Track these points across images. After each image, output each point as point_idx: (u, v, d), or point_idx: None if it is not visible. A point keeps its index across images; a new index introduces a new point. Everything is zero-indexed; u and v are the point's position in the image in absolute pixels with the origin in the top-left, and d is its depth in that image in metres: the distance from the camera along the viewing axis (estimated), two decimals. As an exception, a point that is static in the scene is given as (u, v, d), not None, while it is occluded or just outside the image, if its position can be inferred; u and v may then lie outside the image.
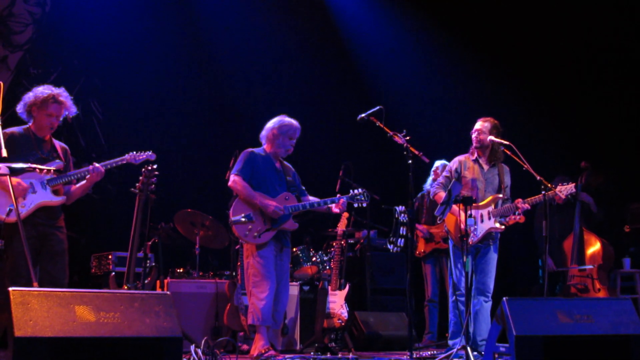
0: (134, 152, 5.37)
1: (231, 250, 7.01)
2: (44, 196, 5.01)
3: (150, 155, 5.39)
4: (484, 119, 6.11)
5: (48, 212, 5.05)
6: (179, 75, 9.25)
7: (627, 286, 7.58)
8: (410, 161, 5.41)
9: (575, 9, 8.71)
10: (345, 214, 6.62)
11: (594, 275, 7.14)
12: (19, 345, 3.33)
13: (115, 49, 8.80)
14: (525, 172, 5.70)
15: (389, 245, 8.09)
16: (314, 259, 7.13)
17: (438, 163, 7.60)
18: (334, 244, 6.72)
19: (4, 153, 4.23)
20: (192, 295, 6.65)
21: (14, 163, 4.52)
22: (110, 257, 7.16)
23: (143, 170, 5.37)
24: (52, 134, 5.24)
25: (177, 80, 9.22)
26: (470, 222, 5.42)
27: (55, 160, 5.13)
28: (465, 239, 5.50)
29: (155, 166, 5.37)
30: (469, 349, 5.01)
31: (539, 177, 5.62)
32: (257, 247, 5.62)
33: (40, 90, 5.13)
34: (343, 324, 6.44)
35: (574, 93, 8.85)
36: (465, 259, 5.44)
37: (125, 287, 5.28)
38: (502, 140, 5.93)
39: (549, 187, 5.64)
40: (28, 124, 5.16)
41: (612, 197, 8.24)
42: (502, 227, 5.89)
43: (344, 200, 5.79)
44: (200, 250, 6.88)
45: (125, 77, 8.76)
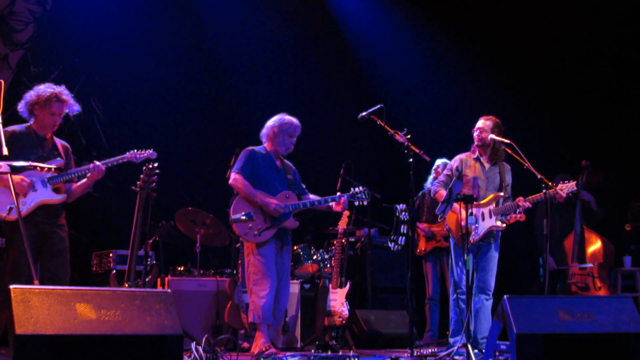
0: (135, 151, 5.36)
1: (232, 249, 7.01)
2: (45, 194, 5.01)
3: (151, 154, 5.39)
4: (486, 117, 6.10)
5: (49, 210, 5.04)
6: (180, 74, 9.24)
7: (628, 284, 7.59)
8: (411, 159, 5.40)
9: (575, 7, 8.71)
10: (346, 212, 6.62)
11: (594, 274, 7.14)
12: (20, 343, 3.33)
13: (116, 47, 8.79)
14: (526, 171, 5.70)
15: (390, 244, 8.11)
16: (314, 257, 7.13)
17: (439, 161, 7.59)
18: (335, 242, 6.72)
19: (4, 151, 4.24)
20: (192, 293, 6.65)
21: (14, 161, 4.53)
22: (111, 255, 7.16)
23: (144, 168, 5.37)
24: (53, 132, 5.24)
25: (177, 78, 9.22)
26: (471, 221, 5.41)
27: (56, 158, 5.12)
28: (466, 237, 5.50)
29: (156, 164, 5.36)
30: (469, 346, 5.01)
31: (539, 176, 5.62)
32: (257, 245, 5.62)
33: (42, 88, 5.11)
34: (344, 322, 6.44)
35: (575, 91, 8.84)
36: (466, 257, 5.44)
37: (126, 285, 5.29)
38: (503, 139, 5.93)
39: (550, 185, 5.64)
40: (29, 123, 5.16)
41: (613, 195, 8.23)
42: (503, 225, 5.89)
43: (344, 198, 5.79)
44: (201, 248, 6.89)
45: (126, 75, 8.77)
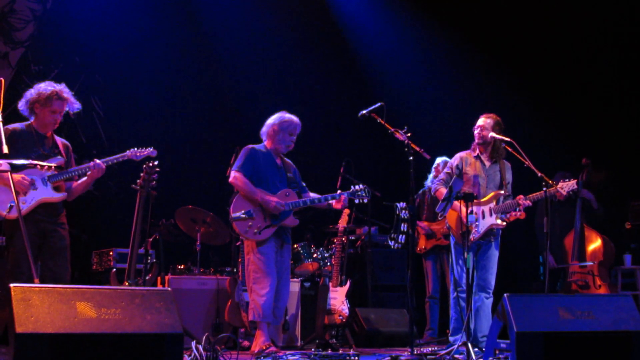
0: (135, 149, 5.35)
1: (232, 247, 7.01)
2: (45, 192, 5.00)
3: (151, 152, 5.38)
4: (487, 115, 6.09)
5: (49, 209, 5.04)
6: (180, 72, 9.24)
7: (628, 283, 7.59)
8: (411, 158, 5.39)
9: (576, 5, 8.70)
10: (346, 211, 6.62)
11: (594, 272, 7.13)
12: (20, 342, 3.33)
13: (116, 45, 8.79)
14: (527, 169, 5.69)
15: (390, 242, 8.10)
16: (315, 255, 7.12)
17: (439, 160, 7.59)
18: (335, 240, 6.71)
19: (5, 149, 4.23)
20: (193, 292, 6.65)
21: (15, 159, 4.52)
22: (111, 253, 7.16)
23: (144, 166, 5.37)
24: (54, 130, 5.23)
25: (177, 76, 9.21)
26: (471, 219, 5.41)
27: (57, 156, 5.12)
28: (466, 235, 5.50)
29: (156, 162, 5.36)
30: (469, 345, 5.00)
31: (540, 174, 5.61)
32: (257, 244, 5.61)
33: (43, 87, 5.11)
34: (344, 320, 6.44)
35: (575, 90, 8.84)
36: (467, 255, 5.44)
37: (126, 284, 5.29)
38: (504, 137, 5.92)
39: (550, 183, 5.63)
40: (29, 121, 5.16)
41: (613, 193, 8.23)
42: (504, 223, 5.88)
43: (345, 196, 5.79)
44: (201, 246, 6.88)
45: (126, 73, 8.76)
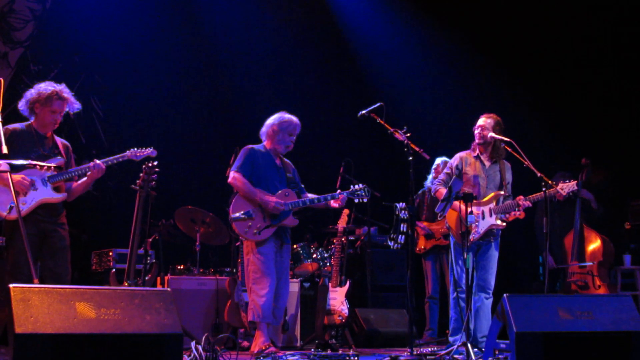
0: (135, 149, 5.35)
1: (231, 247, 7.01)
2: (45, 193, 5.00)
3: (151, 152, 5.38)
4: (487, 115, 6.08)
5: (49, 209, 5.04)
6: (180, 72, 9.24)
7: (628, 283, 7.59)
8: (410, 158, 5.39)
9: (575, 5, 8.70)
10: (346, 211, 6.62)
11: (594, 272, 7.13)
12: (20, 342, 3.32)
13: (116, 45, 8.79)
14: (526, 169, 5.69)
15: (390, 242, 8.10)
16: (314, 255, 7.12)
17: (439, 160, 7.59)
18: (335, 240, 6.71)
19: (4, 150, 4.23)
20: (192, 292, 6.65)
21: (14, 160, 4.52)
22: (110, 253, 7.15)
23: (143, 167, 5.37)
24: (53, 131, 5.23)
25: (177, 76, 9.21)
26: (471, 219, 5.41)
27: (57, 157, 5.12)
28: (466, 235, 5.50)
29: (155, 163, 5.36)
30: (469, 345, 5.01)
31: (539, 174, 5.60)
32: (257, 244, 5.61)
33: (43, 87, 5.11)
34: (343, 320, 6.44)
35: (575, 90, 8.84)
36: (466, 255, 5.44)
37: (126, 284, 5.28)
38: (503, 137, 5.92)
39: (550, 184, 5.63)
40: (30, 121, 5.15)
41: (613, 193, 8.23)
42: (503, 224, 5.88)
43: (343, 195, 5.79)
44: (201, 247, 6.88)
45: (125, 73, 8.76)
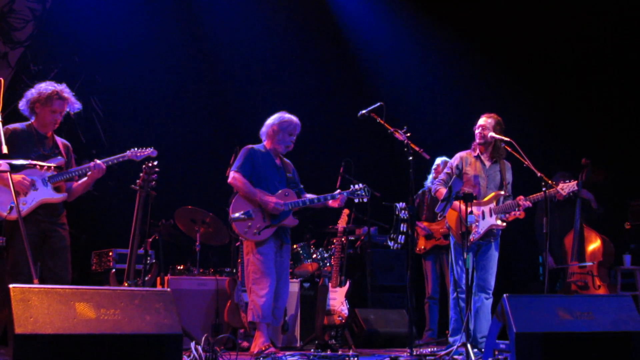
0: (135, 149, 5.35)
1: (231, 247, 7.01)
2: (45, 193, 5.00)
3: (151, 152, 5.38)
4: (488, 114, 6.07)
5: (49, 209, 5.04)
6: (180, 72, 9.24)
7: (628, 283, 7.58)
8: (410, 158, 5.39)
9: (575, 5, 8.70)
10: (346, 211, 6.61)
11: (594, 272, 7.13)
12: (19, 343, 3.32)
13: (116, 45, 8.79)
14: (526, 169, 5.68)
15: (390, 242, 8.10)
16: (314, 255, 7.12)
17: (439, 160, 7.59)
18: (335, 240, 6.71)
19: (4, 150, 4.23)
20: (192, 292, 6.65)
21: (14, 160, 4.52)
22: (110, 254, 7.16)
23: (143, 166, 5.36)
24: (53, 131, 5.23)
25: (177, 76, 9.21)
26: (471, 219, 5.41)
27: (57, 157, 5.12)
28: (466, 235, 5.50)
29: (155, 163, 5.36)
30: (469, 345, 5.01)
31: (539, 174, 5.60)
32: (257, 244, 5.61)
33: (44, 86, 5.12)
34: (343, 321, 6.44)
35: (575, 89, 8.84)
36: (466, 255, 5.44)
37: (126, 284, 5.28)
38: (503, 137, 5.91)
39: (550, 184, 5.63)
40: (30, 121, 5.16)
41: (613, 193, 8.23)
42: (504, 224, 5.88)
43: (343, 195, 5.78)
44: (201, 247, 6.88)
45: (125, 73, 8.76)
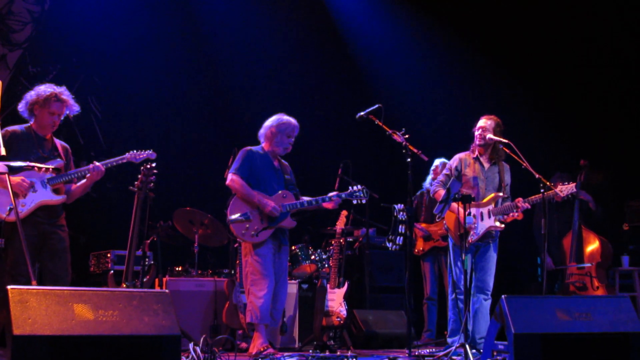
0: (135, 151, 5.36)
1: (230, 249, 7.01)
2: (45, 195, 5.00)
3: (150, 154, 5.38)
4: (487, 116, 6.06)
5: (49, 211, 5.04)
6: (178, 74, 9.24)
7: (626, 284, 7.59)
8: (409, 159, 5.40)
9: (574, 6, 8.71)
10: (344, 212, 6.62)
11: (592, 273, 7.13)
12: (18, 344, 3.33)
13: (114, 47, 8.78)
14: (524, 170, 5.69)
15: (388, 244, 8.11)
16: (312, 257, 7.12)
17: (437, 161, 7.59)
18: (333, 242, 6.71)
19: (2, 151, 4.23)
20: (190, 294, 6.65)
21: (12, 161, 4.52)
22: (109, 255, 7.15)
23: (142, 168, 5.36)
24: (52, 132, 5.23)
25: (176, 78, 9.21)
26: (469, 220, 5.41)
27: (56, 159, 5.13)
28: (464, 237, 5.50)
29: (154, 164, 5.36)
30: (467, 346, 5.01)
31: (537, 175, 5.61)
32: (255, 246, 5.61)
33: (43, 88, 5.13)
34: (342, 322, 6.44)
35: (574, 91, 8.84)
36: (464, 257, 5.44)
37: (124, 286, 5.28)
38: (501, 138, 5.92)
39: (548, 185, 5.64)
40: (29, 123, 5.16)
41: (611, 194, 8.23)
42: (502, 225, 5.88)
43: (337, 198, 5.77)
44: (199, 248, 6.88)
45: (124, 75, 8.76)
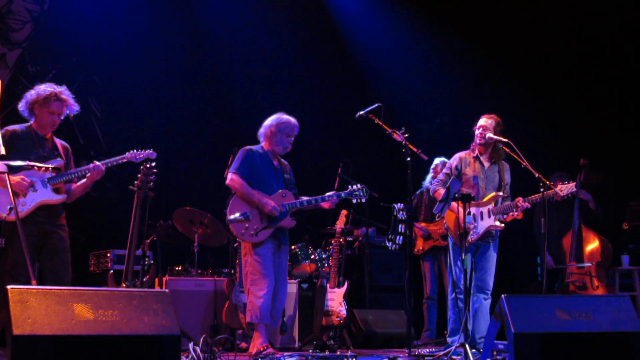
0: (135, 150, 5.36)
1: (230, 248, 7.01)
2: (45, 195, 5.01)
3: (150, 154, 5.38)
4: (488, 115, 6.05)
5: (49, 211, 5.04)
6: (178, 73, 9.23)
7: (626, 283, 7.59)
8: (408, 158, 5.40)
9: (574, 6, 8.71)
10: (344, 212, 6.62)
11: (592, 273, 7.13)
12: (18, 344, 3.33)
13: (114, 46, 8.78)
14: (524, 170, 5.69)
15: (388, 243, 8.10)
16: (312, 256, 7.12)
17: (437, 160, 7.59)
18: (333, 241, 6.71)
19: (2, 151, 4.23)
20: (190, 293, 6.65)
21: (12, 161, 4.52)
22: (108, 255, 7.15)
23: (142, 167, 5.36)
24: (52, 132, 5.23)
25: (175, 77, 9.20)
26: (469, 220, 5.41)
27: (57, 158, 5.13)
28: (464, 236, 5.50)
29: (153, 164, 5.35)
30: (467, 346, 5.01)
31: (537, 175, 5.61)
32: (254, 245, 5.61)
33: (43, 88, 5.13)
34: (342, 321, 6.44)
35: (573, 90, 8.84)
36: (464, 256, 5.44)
37: (124, 285, 5.28)
38: (501, 138, 5.92)
39: (548, 184, 5.63)
40: (29, 122, 5.16)
41: (611, 194, 8.23)
42: (502, 225, 5.88)
43: (334, 198, 5.76)
44: (199, 248, 6.88)
45: (123, 74, 8.76)
